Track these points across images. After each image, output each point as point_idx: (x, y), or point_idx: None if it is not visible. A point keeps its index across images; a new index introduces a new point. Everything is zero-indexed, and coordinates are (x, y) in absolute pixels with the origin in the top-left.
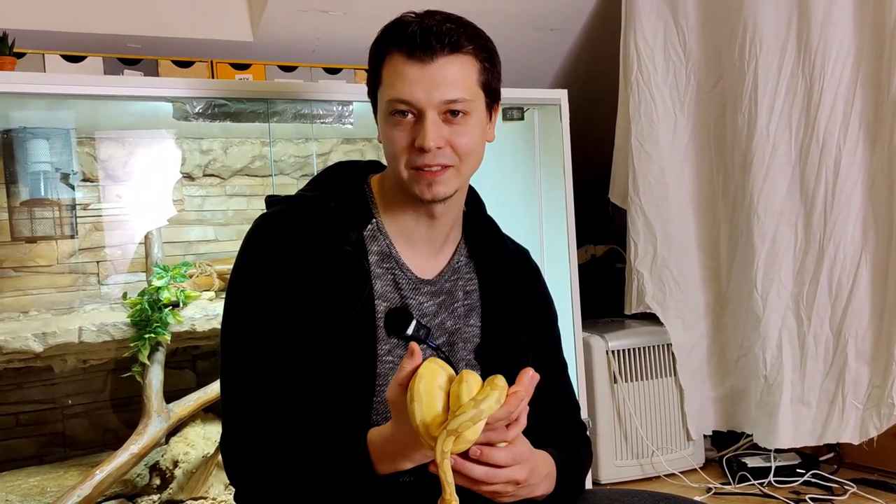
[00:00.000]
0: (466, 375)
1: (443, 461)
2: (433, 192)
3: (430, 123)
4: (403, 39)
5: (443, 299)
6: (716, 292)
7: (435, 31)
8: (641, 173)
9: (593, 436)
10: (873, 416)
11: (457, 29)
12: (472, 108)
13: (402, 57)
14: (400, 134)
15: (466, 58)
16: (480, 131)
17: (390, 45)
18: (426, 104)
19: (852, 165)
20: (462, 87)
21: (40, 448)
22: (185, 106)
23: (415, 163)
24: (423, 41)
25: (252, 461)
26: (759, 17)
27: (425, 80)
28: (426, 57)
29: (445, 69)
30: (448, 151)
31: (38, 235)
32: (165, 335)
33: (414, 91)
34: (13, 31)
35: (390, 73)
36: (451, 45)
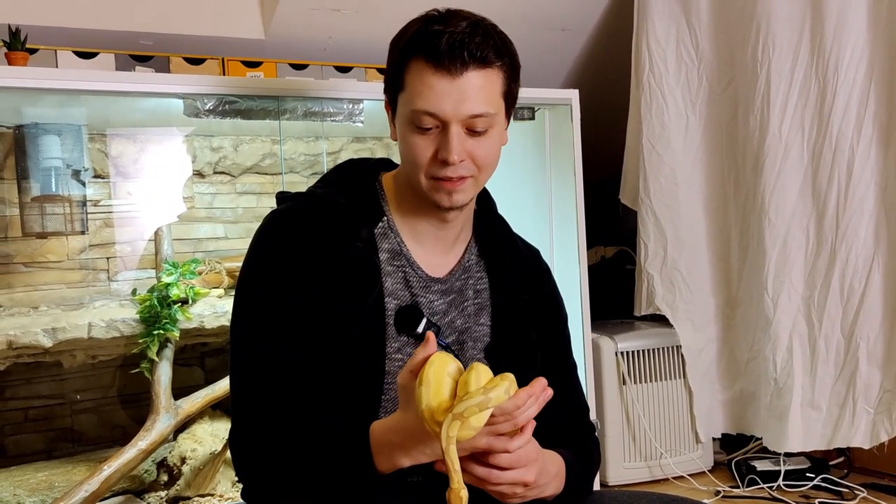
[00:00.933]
0: (477, 366)
1: (448, 446)
2: (452, 201)
3: (455, 137)
4: (432, 50)
5: (453, 298)
6: (726, 294)
7: (465, 42)
8: (652, 174)
9: (601, 437)
10: (884, 420)
11: (485, 41)
12: (494, 121)
13: (429, 67)
14: (423, 143)
15: (493, 71)
16: (499, 140)
17: (417, 52)
18: (452, 117)
19: (865, 168)
20: (488, 101)
21: (49, 443)
22: (195, 103)
23: (436, 174)
24: (454, 54)
25: (260, 458)
26: (772, 18)
27: (453, 93)
28: (455, 70)
29: (473, 83)
30: (469, 163)
31: (49, 231)
32: (174, 332)
33: (442, 104)
34: (26, 26)
35: (416, 81)
36: (479, 60)
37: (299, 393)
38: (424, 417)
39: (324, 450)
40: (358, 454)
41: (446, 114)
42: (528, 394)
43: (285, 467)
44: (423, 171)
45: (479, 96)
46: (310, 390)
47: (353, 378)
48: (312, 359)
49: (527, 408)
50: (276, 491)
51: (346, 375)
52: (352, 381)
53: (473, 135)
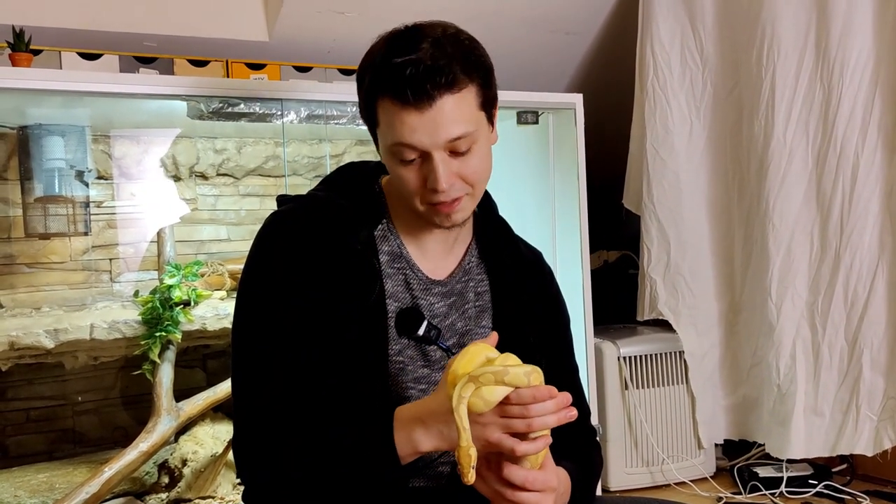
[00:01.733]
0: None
1: (458, 405)
2: (452, 221)
3: (440, 165)
4: (395, 87)
5: (454, 300)
6: (729, 300)
7: (428, 71)
8: (656, 179)
9: (603, 442)
10: (888, 427)
11: (449, 62)
12: (477, 136)
13: (397, 105)
14: (410, 175)
15: (465, 90)
16: (486, 150)
17: (382, 91)
18: (431, 146)
19: (870, 174)
20: (464, 121)
21: (50, 444)
22: (199, 105)
23: (430, 200)
24: (419, 89)
25: (263, 460)
26: (777, 23)
27: (426, 125)
28: (423, 104)
29: (445, 109)
30: (459, 184)
31: (52, 232)
32: (176, 334)
33: (416, 136)
34: (30, 28)
35: (387, 118)
36: (447, 85)
37: (302, 394)
38: (447, 381)
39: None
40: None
41: (424, 145)
42: (549, 392)
43: (288, 469)
44: (417, 199)
45: (454, 119)
46: (312, 392)
47: (355, 380)
48: (314, 360)
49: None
50: (279, 493)
51: (347, 377)
52: (354, 383)
53: (458, 156)
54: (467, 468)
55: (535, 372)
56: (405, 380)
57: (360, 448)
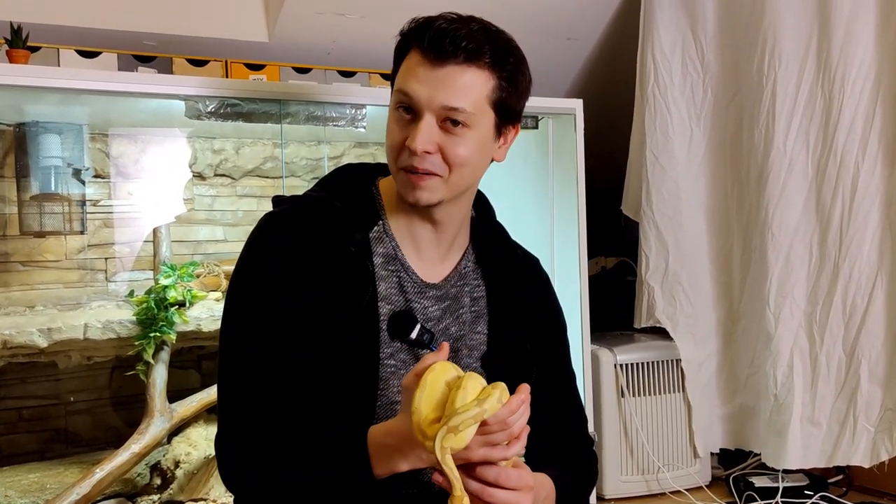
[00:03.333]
0: (467, 381)
1: (444, 456)
2: (416, 197)
3: (424, 126)
4: (422, 37)
5: (448, 304)
6: (727, 308)
7: (455, 35)
8: (655, 186)
9: (599, 450)
10: (885, 439)
11: (483, 40)
12: (473, 121)
13: (418, 53)
14: (396, 129)
15: (481, 71)
16: (480, 147)
17: (412, 40)
18: (425, 105)
19: (870, 184)
20: (467, 98)
21: (42, 444)
22: (198, 105)
23: (403, 163)
24: (440, 43)
25: (248, 464)
26: (779, 32)
27: (431, 81)
28: (437, 60)
29: (454, 76)
30: (437, 159)
31: (47, 230)
32: (171, 334)
33: (418, 88)
34: (28, 24)
35: (406, 66)
36: (466, 54)
37: (290, 397)
38: (412, 421)
39: (319, 453)
40: (355, 457)
41: (420, 99)
42: (519, 400)
43: (274, 473)
44: (394, 158)
45: (458, 91)
46: (301, 395)
47: (346, 383)
48: (304, 362)
49: (520, 414)
50: (264, 498)
51: (338, 380)
52: (344, 386)
53: (448, 131)
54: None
55: (503, 392)
56: (397, 383)
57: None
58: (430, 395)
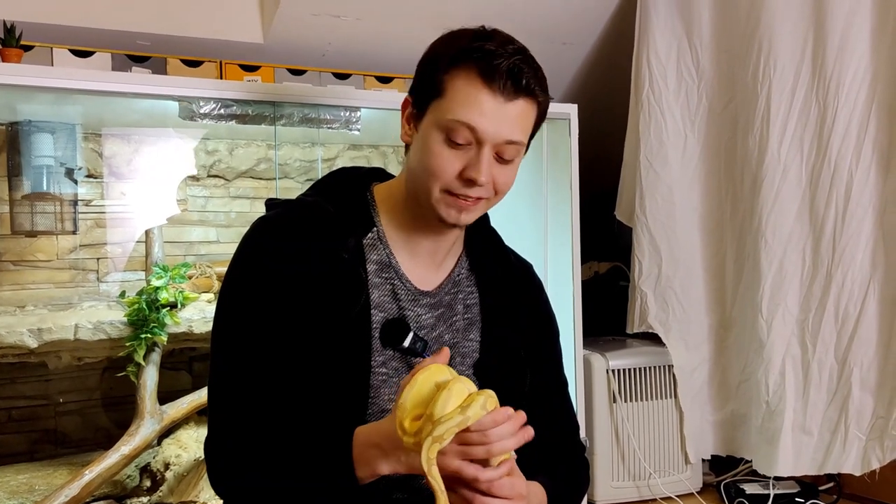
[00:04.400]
0: (454, 384)
1: (430, 468)
2: (460, 219)
3: (488, 158)
4: (490, 68)
5: (441, 312)
6: (720, 315)
7: (522, 72)
8: (649, 192)
9: (590, 455)
10: (876, 447)
11: (535, 74)
12: (520, 151)
13: (483, 83)
14: (450, 157)
15: (534, 104)
16: (516, 171)
17: (471, 63)
18: (490, 139)
19: (864, 192)
20: (523, 131)
21: (31, 445)
22: (191, 106)
23: (455, 189)
24: (512, 80)
25: (236, 469)
26: (774, 39)
27: (499, 116)
28: (508, 95)
29: (517, 112)
30: (489, 187)
31: (39, 230)
32: (162, 336)
33: (484, 122)
34: (22, 23)
35: (462, 92)
36: (529, 91)
37: (279, 402)
38: (396, 415)
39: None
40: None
41: (487, 133)
42: (506, 414)
43: (259, 478)
44: (439, 184)
45: (518, 125)
46: (290, 401)
47: (337, 390)
48: (294, 368)
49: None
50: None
51: (328, 387)
52: (335, 394)
53: (500, 161)
54: None
55: (489, 398)
56: (388, 392)
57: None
58: (418, 393)
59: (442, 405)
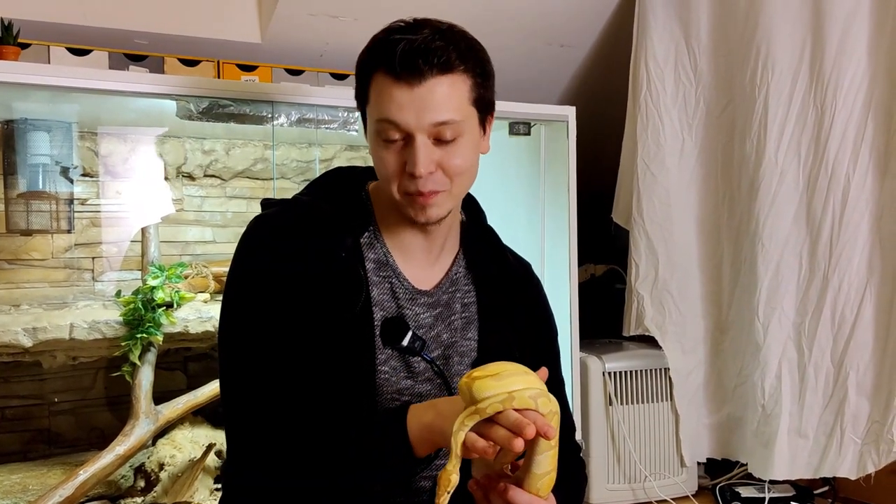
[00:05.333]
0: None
1: (458, 430)
2: (427, 216)
3: (421, 148)
4: (390, 59)
5: (440, 311)
6: (716, 318)
7: (423, 50)
8: (646, 194)
9: (586, 457)
10: (872, 451)
11: (446, 46)
12: (464, 128)
13: (389, 78)
14: (390, 157)
15: (457, 77)
16: (473, 149)
17: (377, 64)
18: (416, 128)
19: (860, 196)
20: (453, 108)
21: (25, 444)
22: (188, 105)
23: (407, 188)
24: (411, 62)
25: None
26: (772, 43)
27: (414, 102)
28: (414, 79)
29: (434, 91)
30: (439, 176)
31: (34, 228)
32: (157, 336)
33: (402, 114)
34: (19, 21)
35: (378, 92)
36: (440, 66)
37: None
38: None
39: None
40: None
41: (409, 124)
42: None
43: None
44: (394, 186)
45: (442, 104)
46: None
47: (342, 389)
48: (303, 368)
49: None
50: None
51: (334, 386)
52: (340, 392)
53: (441, 144)
54: (443, 491)
55: (542, 396)
56: (388, 391)
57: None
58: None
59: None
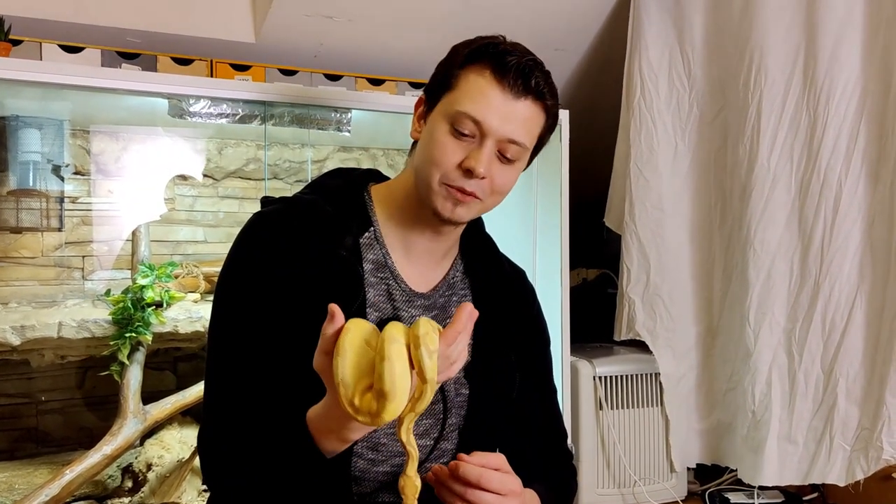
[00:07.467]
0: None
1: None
2: (455, 214)
3: (488, 151)
4: (502, 65)
5: (435, 314)
6: (707, 323)
7: (531, 72)
8: (639, 199)
9: (576, 462)
10: (861, 458)
11: (545, 81)
12: (523, 154)
13: (493, 78)
14: (453, 147)
15: (542, 109)
16: (517, 176)
17: (485, 61)
18: (493, 133)
19: (852, 203)
20: (527, 133)
21: (12, 443)
22: (181, 104)
23: (453, 181)
24: (521, 77)
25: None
26: (765, 49)
27: (505, 111)
28: (516, 92)
29: (524, 111)
30: (486, 184)
31: (24, 226)
32: (147, 335)
33: (491, 116)
34: (10, 17)
35: (473, 85)
36: (538, 93)
37: (273, 402)
38: (339, 392)
39: (270, 444)
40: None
41: (491, 127)
42: (455, 331)
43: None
44: (439, 174)
45: (523, 125)
46: (284, 399)
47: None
48: (290, 367)
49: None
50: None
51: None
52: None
53: (501, 159)
54: (412, 499)
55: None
56: None
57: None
58: (353, 362)
59: (390, 376)
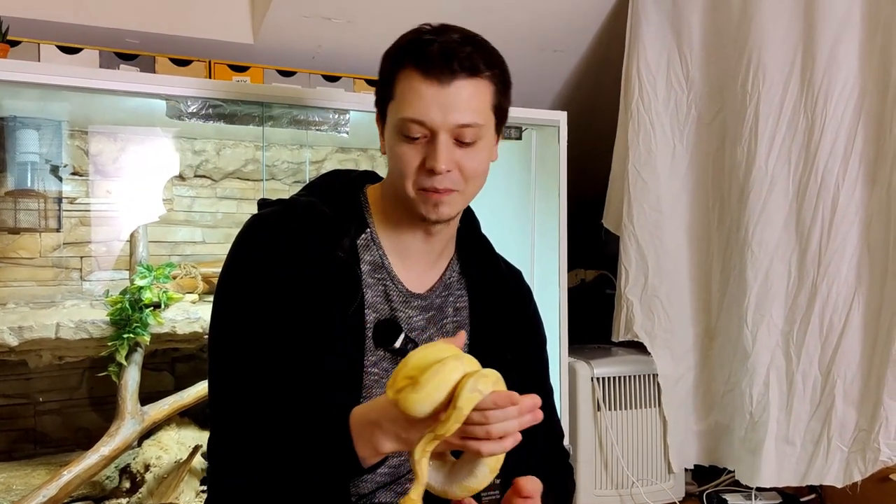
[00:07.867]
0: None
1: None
2: (438, 213)
3: (443, 146)
4: (422, 57)
5: (432, 315)
6: (705, 325)
7: (454, 51)
8: (637, 200)
9: (573, 463)
10: (858, 459)
11: (475, 51)
12: (483, 132)
13: (419, 75)
14: (410, 153)
15: (483, 82)
16: (488, 153)
17: (407, 61)
18: (440, 126)
19: (850, 205)
20: (476, 111)
21: (10, 444)
22: (179, 105)
23: (423, 184)
24: (443, 62)
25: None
26: (764, 50)
27: (441, 101)
28: (444, 78)
29: (462, 92)
30: (456, 175)
31: (23, 227)
32: (145, 336)
33: (429, 112)
34: (9, 18)
35: (405, 89)
36: (469, 69)
37: (277, 402)
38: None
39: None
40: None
41: (434, 122)
42: (510, 398)
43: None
44: (410, 182)
45: (467, 106)
46: (286, 399)
47: (330, 389)
48: (290, 367)
49: (505, 414)
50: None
51: (323, 385)
52: (328, 393)
53: (461, 145)
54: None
55: (482, 378)
56: (379, 392)
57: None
58: (423, 357)
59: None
